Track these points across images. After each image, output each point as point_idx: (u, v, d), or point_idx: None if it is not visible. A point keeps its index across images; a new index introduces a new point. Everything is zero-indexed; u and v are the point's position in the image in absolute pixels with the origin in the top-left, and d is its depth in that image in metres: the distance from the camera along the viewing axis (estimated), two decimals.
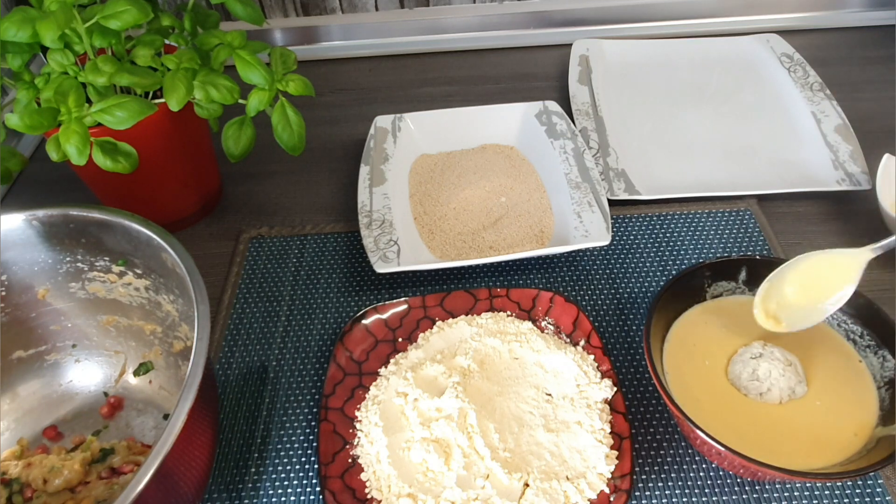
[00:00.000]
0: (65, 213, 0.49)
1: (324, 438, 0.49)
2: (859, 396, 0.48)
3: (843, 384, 0.48)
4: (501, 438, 0.47)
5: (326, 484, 0.46)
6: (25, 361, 0.53)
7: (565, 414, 0.49)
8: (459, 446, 0.47)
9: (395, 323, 0.56)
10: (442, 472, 0.46)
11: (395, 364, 0.53)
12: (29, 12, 0.52)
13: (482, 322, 0.55)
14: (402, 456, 0.47)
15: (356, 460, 0.48)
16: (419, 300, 0.57)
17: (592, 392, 0.50)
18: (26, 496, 0.46)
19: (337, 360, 0.53)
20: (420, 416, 0.49)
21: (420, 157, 0.73)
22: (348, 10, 0.93)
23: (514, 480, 0.45)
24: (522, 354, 0.53)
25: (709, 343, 0.51)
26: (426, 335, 0.55)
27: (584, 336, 0.53)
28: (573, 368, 0.51)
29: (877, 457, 0.42)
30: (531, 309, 0.56)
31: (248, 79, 0.57)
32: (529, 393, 0.50)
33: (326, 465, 0.47)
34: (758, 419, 0.46)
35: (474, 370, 0.52)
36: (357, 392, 0.52)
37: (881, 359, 0.48)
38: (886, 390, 0.47)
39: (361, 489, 0.46)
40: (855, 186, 0.66)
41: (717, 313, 0.53)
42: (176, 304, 0.49)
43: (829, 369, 0.49)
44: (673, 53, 0.87)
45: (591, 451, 0.46)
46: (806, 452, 0.45)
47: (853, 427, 0.46)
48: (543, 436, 0.48)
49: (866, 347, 0.49)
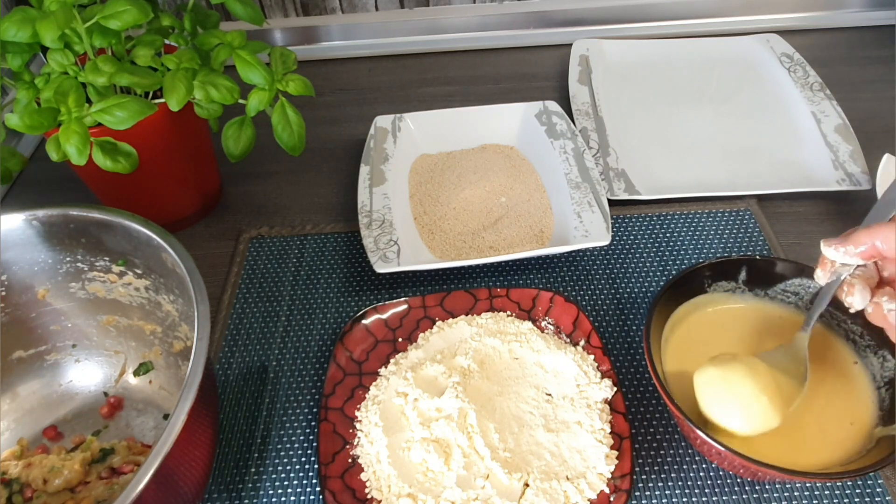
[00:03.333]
0: (65, 213, 0.49)
1: (324, 438, 0.49)
2: (856, 397, 0.48)
3: (840, 385, 0.48)
4: (501, 438, 0.47)
5: (326, 484, 0.46)
6: (25, 361, 0.53)
7: (565, 414, 0.49)
8: (459, 446, 0.47)
9: (396, 323, 0.56)
10: (442, 472, 0.46)
11: (395, 364, 0.53)
12: (29, 12, 0.52)
13: (482, 322, 0.55)
14: (402, 456, 0.47)
15: (356, 460, 0.48)
16: (419, 300, 0.57)
17: (592, 392, 0.50)
18: (26, 496, 0.46)
19: (337, 360, 0.53)
20: (420, 416, 0.49)
21: (420, 157, 0.73)
22: (348, 10, 0.93)
23: (514, 480, 0.45)
24: (522, 354, 0.53)
25: (709, 343, 0.51)
26: (426, 335, 0.55)
27: (585, 336, 0.53)
28: (573, 368, 0.51)
29: (877, 457, 0.42)
30: (531, 309, 0.56)
31: (248, 79, 0.57)
32: (529, 393, 0.50)
33: (326, 465, 0.47)
34: None
35: (474, 370, 0.51)
36: (357, 392, 0.52)
37: (881, 359, 0.48)
38: (886, 390, 0.47)
39: (361, 489, 0.46)
40: (855, 186, 0.66)
41: (717, 313, 0.52)
42: (176, 304, 0.49)
43: (825, 370, 0.49)
44: (673, 53, 0.87)
45: (591, 451, 0.46)
46: (805, 452, 0.45)
47: (851, 427, 0.46)
48: (543, 436, 0.48)
49: (866, 347, 0.49)
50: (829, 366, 0.49)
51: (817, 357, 0.49)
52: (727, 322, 0.52)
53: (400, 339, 0.56)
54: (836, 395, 0.48)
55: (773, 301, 0.53)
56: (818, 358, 0.49)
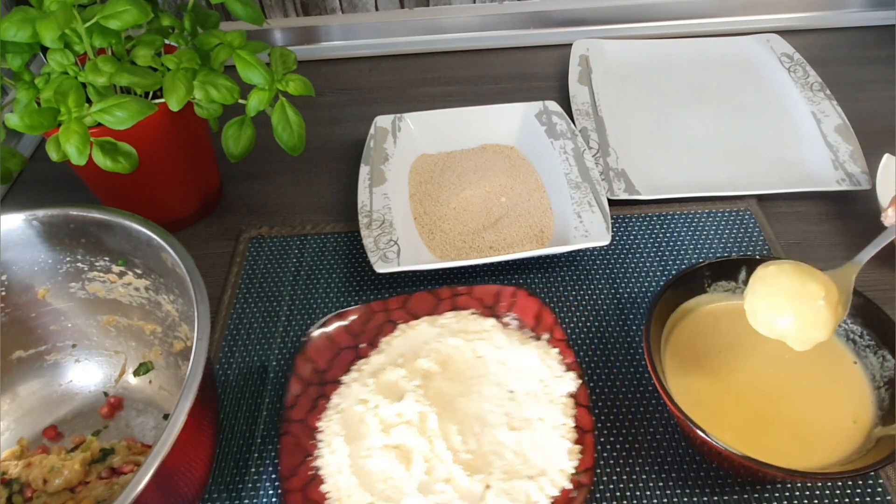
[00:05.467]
0: (65, 213, 0.49)
1: (285, 452, 0.47)
2: (856, 397, 0.48)
3: (840, 385, 0.48)
4: (464, 440, 0.47)
5: (287, 498, 0.45)
6: (25, 361, 0.53)
7: (528, 410, 0.48)
8: (420, 451, 0.46)
9: (358, 328, 0.55)
10: (403, 478, 0.45)
11: (358, 371, 0.52)
12: (29, 12, 0.52)
13: (445, 322, 0.54)
14: (364, 464, 0.46)
15: (318, 472, 0.47)
16: (381, 304, 0.56)
17: (556, 386, 0.49)
18: (26, 496, 0.46)
19: (298, 372, 0.52)
20: (381, 423, 0.48)
21: (420, 157, 0.73)
22: (348, 10, 0.93)
23: (476, 482, 0.44)
24: (485, 352, 0.52)
25: (708, 342, 0.51)
26: (388, 339, 0.54)
27: (548, 329, 0.53)
28: (536, 363, 0.50)
29: (877, 456, 0.42)
30: (494, 305, 0.55)
31: (248, 79, 0.57)
32: (492, 391, 0.50)
33: (288, 478, 0.46)
34: (758, 419, 0.46)
35: (436, 372, 0.51)
36: (320, 402, 0.51)
37: (881, 358, 0.48)
38: (886, 390, 0.47)
39: (323, 502, 0.45)
40: (855, 186, 0.66)
41: (716, 313, 0.53)
42: (176, 304, 0.49)
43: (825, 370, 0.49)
44: (673, 53, 0.87)
45: (553, 448, 0.46)
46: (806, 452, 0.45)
47: (853, 426, 0.46)
48: (506, 435, 0.47)
49: (866, 347, 0.49)
50: (828, 365, 0.49)
51: (817, 356, 0.49)
52: (727, 321, 0.52)
53: (363, 345, 0.54)
54: (836, 394, 0.48)
55: None
56: (817, 357, 0.49)
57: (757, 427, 0.46)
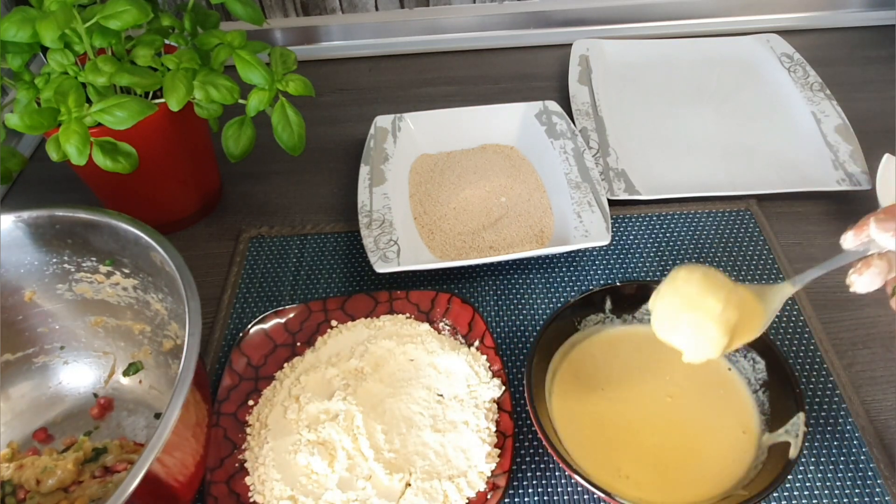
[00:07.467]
0: (50, 214, 0.48)
1: (213, 444, 0.48)
2: (738, 404, 0.48)
3: (722, 394, 0.48)
4: (388, 439, 0.48)
5: (210, 490, 0.45)
6: (13, 364, 0.53)
7: (454, 414, 0.49)
8: (344, 448, 0.47)
9: (295, 327, 0.56)
10: (325, 474, 0.46)
11: (291, 368, 0.53)
12: (29, 12, 0.52)
13: (380, 324, 0.55)
14: (288, 459, 0.47)
15: (243, 464, 0.48)
16: (320, 304, 0.56)
17: (482, 392, 0.50)
18: (19, 497, 0.46)
19: (233, 366, 0.52)
20: (308, 419, 0.49)
21: (420, 156, 0.73)
22: (348, 10, 0.93)
23: (395, 481, 0.45)
24: (417, 356, 0.53)
25: (592, 376, 0.50)
26: (324, 338, 0.55)
27: (479, 336, 0.54)
28: (465, 369, 0.51)
29: (774, 471, 0.41)
30: (430, 310, 0.56)
31: (248, 79, 0.58)
32: (421, 394, 0.50)
33: (213, 470, 0.47)
34: (649, 454, 0.46)
35: (368, 372, 0.52)
36: (252, 397, 0.52)
37: (751, 361, 0.49)
38: (764, 392, 0.47)
39: (246, 493, 0.46)
40: (855, 186, 0.66)
41: (592, 346, 0.52)
42: (165, 302, 0.49)
43: (705, 381, 0.49)
44: (673, 53, 0.87)
45: (474, 451, 0.47)
46: (709, 473, 0.44)
47: (744, 436, 0.46)
48: (430, 436, 0.48)
49: (736, 352, 0.49)
50: (706, 376, 0.49)
51: (695, 370, 0.48)
52: (605, 352, 0.52)
53: (299, 344, 0.55)
54: (721, 404, 0.48)
55: (643, 323, 0.53)
56: (696, 371, 0.48)
57: (652, 463, 0.46)
